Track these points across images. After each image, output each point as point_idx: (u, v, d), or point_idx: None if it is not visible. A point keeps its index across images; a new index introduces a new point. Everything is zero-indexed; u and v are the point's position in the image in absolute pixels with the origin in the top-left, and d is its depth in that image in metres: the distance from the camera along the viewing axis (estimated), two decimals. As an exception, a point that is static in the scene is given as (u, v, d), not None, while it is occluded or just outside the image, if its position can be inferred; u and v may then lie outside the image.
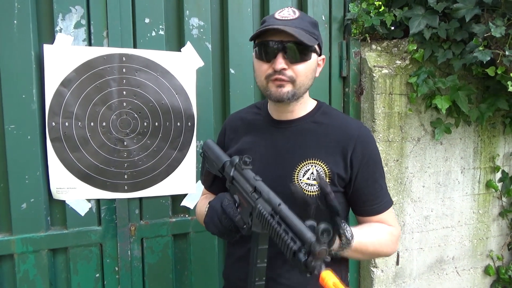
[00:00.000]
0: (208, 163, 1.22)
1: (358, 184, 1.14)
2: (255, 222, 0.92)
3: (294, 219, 0.81)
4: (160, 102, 1.64)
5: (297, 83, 1.07)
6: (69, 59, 1.50)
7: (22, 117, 1.47)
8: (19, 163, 1.47)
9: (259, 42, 1.09)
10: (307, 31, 1.07)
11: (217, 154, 1.17)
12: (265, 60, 1.08)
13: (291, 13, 1.09)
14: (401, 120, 1.99)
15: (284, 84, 1.07)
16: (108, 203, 1.62)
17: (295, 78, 1.07)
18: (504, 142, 2.30)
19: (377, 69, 1.94)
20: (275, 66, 1.05)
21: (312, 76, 1.12)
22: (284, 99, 1.08)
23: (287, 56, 1.05)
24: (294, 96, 1.09)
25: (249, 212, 0.96)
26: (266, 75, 1.08)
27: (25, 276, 1.51)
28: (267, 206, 0.89)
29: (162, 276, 1.72)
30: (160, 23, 1.63)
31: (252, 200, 0.95)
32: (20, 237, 1.49)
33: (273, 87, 1.08)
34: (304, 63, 1.07)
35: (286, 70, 1.06)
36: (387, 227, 1.16)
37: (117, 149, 1.59)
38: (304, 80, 1.09)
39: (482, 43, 1.79)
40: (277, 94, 1.08)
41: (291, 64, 1.06)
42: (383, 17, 1.93)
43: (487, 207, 2.29)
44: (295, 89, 1.08)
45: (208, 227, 1.08)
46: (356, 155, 1.12)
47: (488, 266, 2.33)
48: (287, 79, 1.06)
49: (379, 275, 2.01)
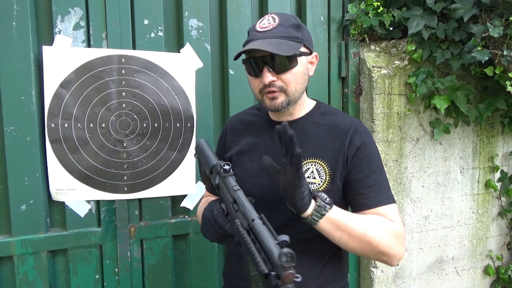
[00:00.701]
0: (202, 164, 1.22)
1: (351, 175, 1.10)
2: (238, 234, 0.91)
3: (266, 236, 0.79)
4: (160, 103, 1.64)
5: (288, 91, 1.08)
6: (68, 61, 1.51)
7: (22, 119, 1.47)
8: (18, 164, 1.47)
9: (244, 60, 1.12)
10: (288, 37, 1.07)
11: (206, 156, 1.16)
12: (254, 76, 1.10)
13: (271, 21, 1.09)
14: (400, 120, 2.00)
15: (276, 96, 1.08)
16: (107, 204, 1.61)
17: (285, 88, 1.08)
18: (503, 142, 2.30)
19: (376, 69, 1.95)
20: (262, 80, 1.07)
21: (303, 79, 1.12)
22: (280, 110, 1.10)
23: (273, 68, 1.06)
24: (289, 104, 1.10)
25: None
26: (259, 90, 1.10)
27: (25, 277, 1.51)
28: (244, 221, 0.88)
29: (162, 277, 1.71)
30: (159, 24, 1.63)
31: (232, 212, 0.96)
32: (20, 238, 1.49)
33: (268, 100, 1.10)
34: (290, 71, 1.07)
35: (275, 81, 1.07)
36: (386, 220, 1.06)
37: (117, 150, 1.59)
38: (295, 86, 1.09)
39: (480, 43, 1.79)
40: (272, 106, 1.10)
41: (278, 74, 1.07)
42: (382, 17, 1.94)
43: (486, 207, 2.29)
44: (288, 97, 1.09)
45: (205, 235, 1.11)
46: (351, 148, 1.11)
47: (488, 266, 2.33)
48: (277, 90, 1.08)
49: (379, 276, 2.01)
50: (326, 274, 1.15)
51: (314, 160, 1.12)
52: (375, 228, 1.01)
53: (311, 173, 1.11)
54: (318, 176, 1.11)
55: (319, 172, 1.11)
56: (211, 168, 1.11)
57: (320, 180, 1.11)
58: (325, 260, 1.15)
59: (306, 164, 1.12)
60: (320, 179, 1.11)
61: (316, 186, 1.11)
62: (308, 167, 1.12)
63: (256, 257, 0.77)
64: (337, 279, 1.19)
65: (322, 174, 1.11)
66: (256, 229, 0.82)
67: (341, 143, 1.12)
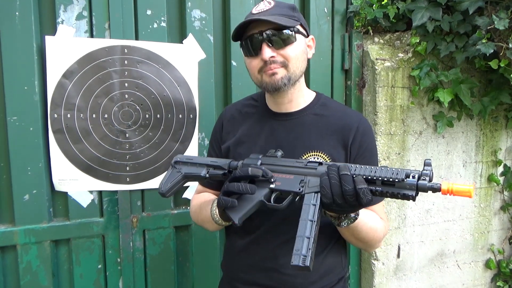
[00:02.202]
0: (187, 169, 1.15)
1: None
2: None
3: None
4: (162, 94, 1.64)
5: (289, 66, 1.07)
6: (71, 51, 1.50)
7: (24, 109, 1.47)
8: (21, 154, 1.48)
9: (242, 40, 1.10)
10: (285, 15, 1.06)
11: (204, 159, 1.13)
12: (253, 55, 1.07)
13: (267, 4, 1.09)
14: (403, 113, 1.99)
15: (277, 71, 1.06)
16: (110, 194, 1.62)
17: (287, 63, 1.06)
18: (507, 136, 2.29)
19: (380, 62, 1.94)
20: (263, 56, 1.04)
21: (304, 57, 1.11)
22: (280, 86, 1.07)
23: (272, 44, 1.04)
24: (290, 80, 1.08)
25: (299, 182, 0.95)
26: (259, 69, 1.08)
27: (28, 267, 1.52)
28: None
29: (164, 267, 1.72)
30: (162, 15, 1.63)
31: (309, 168, 0.96)
32: (23, 228, 1.50)
33: (267, 77, 1.07)
34: (291, 46, 1.06)
35: (275, 57, 1.05)
36: (380, 219, 1.17)
37: (119, 141, 1.60)
38: (297, 62, 1.08)
39: (485, 35, 1.77)
40: (272, 82, 1.07)
41: (278, 50, 1.05)
42: (386, 9, 1.92)
43: (489, 201, 2.29)
44: (289, 73, 1.07)
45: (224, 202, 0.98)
46: (354, 146, 1.12)
47: (489, 260, 2.33)
48: (278, 65, 1.05)
49: (380, 268, 2.02)
50: (327, 263, 1.16)
51: (316, 153, 1.11)
52: (378, 225, 1.12)
53: None
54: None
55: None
56: (229, 163, 1.08)
57: None
58: (327, 250, 1.15)
59: (309, 157, 1.11)
60: None
61: None
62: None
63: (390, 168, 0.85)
64: (338, 269, 1.20)
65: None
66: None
67: (343, 137, 1.12)
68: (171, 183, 1.14)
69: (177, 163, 1.16)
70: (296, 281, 1.13)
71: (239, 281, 1.20)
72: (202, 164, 1.12)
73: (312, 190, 0.92)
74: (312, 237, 0.86)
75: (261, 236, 1.15)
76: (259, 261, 1.15)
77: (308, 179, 0.94)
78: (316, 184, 0.92)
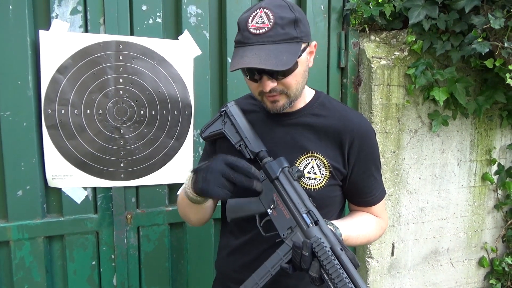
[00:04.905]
0: (228, 128, 1.16)
1: (354, 178, 1.14)
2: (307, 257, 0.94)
3: (354, 270, 0.89)
4: (157, 91, 1.63)
5: (290, 93, 1.05)
6: (65, 46, 1.49)
7: (18, 104, 1.46)
8: (14, 150, 1.47)
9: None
10: (287, 40, 0.98)
11: (249, 133, 1.12)
12: (253, 81, 1.04)
13: (265, 20, 0.97)
14: (399, 112, 1.99)
15: (278, 99, 1.05)
16: (104, 191, 1.61)
17: (287, 91, 1.04)
18: (501, 135, 2.30)
19: (376, 60, 1.94)
20: (263, 88, 1.02)
21: (304, 77, 1.07)
22: (281, 110, 1.08)
23: (273, 76, 1.00)
24: (291, 104, 1.09)
25: (289, 227, 1.00)
26: (259, 92, 1.07)
27: (21, 262, 1.51)
28: (326, 242, 0.92)
29: (158, 264, 1.72)
30: (157, 10, 1.61)
31: (302, 221, 0.98)
32: (16, 224, 1.49)
33: (268, 103, 1.07)
34: (291, 75, 1.02)
35: (276, 86, 1.02)
36: (377, 220, 1.19)
37: (114, 137, 1.59)
38: (297, 87, 1.06)
39: (481, 34, 1.78)
40: (274, 109, 1.08)
41: (279, 80, 1.02)
42: (383, 7, 1.92)
43: (483, 199, 2.30)
44: (290, 99, 1.07)
45: (208, 191, 1.00)
46: (353, 150, 1.11)
47: (482, 258, 2.34)
48: (278, 93, 1.04)
49: (374, 266, 2.03)
50: None
51: (314, 154, 1.11)
52: (371, 236, 1.17)
53: (311, 168, 1.10)
54: (319, 171, 1.10)
55: (319, 167, 1.10)
56: (258, 152, 1.08)
57: (321, 176, 1.10)
58: None
59: (306, 158, 1.11)
60: (321, 175, 1.10)
61: (316, 182, 1.10)
62: (308, 162, 1.10)
63: (347, 282, 0.86)
64: None
65: (322, 169, 1.10)
66: (343, 258, 0.90)
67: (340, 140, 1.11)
68: (210, 133, 1.18)
69: (226, 115, 1.16)
70: (290, 282, 1.13)
71: (232, 281, 1.19)
72: (239, 134, 1.12)
73: (291, 245, 0.97)
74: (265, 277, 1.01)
75: (256, 237, 1.14)
76: (252, 261, 1.14)
77: (296, 231, 0.99)
78: (297, 241, 0.96)
